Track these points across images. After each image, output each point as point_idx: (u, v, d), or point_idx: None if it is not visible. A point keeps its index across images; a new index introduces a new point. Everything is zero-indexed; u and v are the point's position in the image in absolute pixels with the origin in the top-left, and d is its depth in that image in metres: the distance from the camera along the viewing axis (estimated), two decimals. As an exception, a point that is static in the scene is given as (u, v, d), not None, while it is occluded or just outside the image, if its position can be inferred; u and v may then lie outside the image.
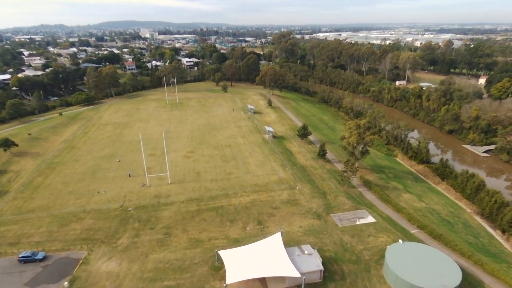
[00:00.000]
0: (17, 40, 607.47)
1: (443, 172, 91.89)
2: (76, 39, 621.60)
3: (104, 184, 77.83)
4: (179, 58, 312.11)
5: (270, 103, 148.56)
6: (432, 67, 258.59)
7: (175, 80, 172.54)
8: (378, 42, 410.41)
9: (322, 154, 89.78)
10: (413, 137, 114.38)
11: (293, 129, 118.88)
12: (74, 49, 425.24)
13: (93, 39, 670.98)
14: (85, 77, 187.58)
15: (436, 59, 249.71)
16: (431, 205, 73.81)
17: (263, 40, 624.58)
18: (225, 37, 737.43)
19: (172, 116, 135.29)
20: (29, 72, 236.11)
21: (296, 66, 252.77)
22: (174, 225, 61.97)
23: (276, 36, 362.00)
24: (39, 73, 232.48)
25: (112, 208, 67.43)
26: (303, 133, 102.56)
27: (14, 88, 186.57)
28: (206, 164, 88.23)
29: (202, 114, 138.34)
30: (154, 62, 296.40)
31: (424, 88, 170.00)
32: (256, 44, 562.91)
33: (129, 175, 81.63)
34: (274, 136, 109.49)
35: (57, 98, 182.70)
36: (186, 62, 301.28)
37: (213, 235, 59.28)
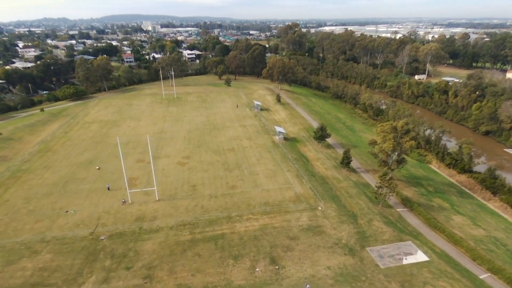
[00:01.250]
0: (16, 32, 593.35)
1: (493, 184, 74.94)
2: (76, 32, 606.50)
3: (75, 200, 61.96)
4: (181, 50, 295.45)
5: (279, 99, 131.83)
6: (451, 61, 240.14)
7: (172, 73, 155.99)
8: (388, 35, 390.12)
9: (346, 162, 73.22)
10: (449, 140, 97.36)
11: (306, 129, 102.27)
12: (73, 42, 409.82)
13: (94, 31, 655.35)
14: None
15: (456, 52, 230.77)
16: (491, 232, 57.20)
17: (267, 34, 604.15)
18: (229, 30, 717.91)
19: (168, 113, 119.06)
20: (19, 64, 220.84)
21: (305, 59, 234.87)
22: (158, 263, 45.99)
23: (283, 28, 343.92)
24: (30, 65, 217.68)
25: (80, 236, 51.57)
26: (321, 135, 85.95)
27: (0, 81, 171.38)
28: (204, 173, 72.04)
29: (202, 111, 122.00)
30: (153, 54, 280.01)
31: (450, 83, 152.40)
32: (261, 37, 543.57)
33: (108, 188, 65.67)
34: (285, 138, 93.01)
35: (47, 92, 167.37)
36: (188, 54, 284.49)
37: (210, 279, 43.28)
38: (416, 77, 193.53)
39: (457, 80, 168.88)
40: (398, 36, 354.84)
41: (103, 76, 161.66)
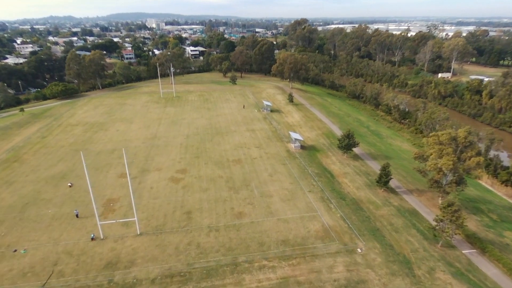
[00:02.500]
0: (19, 28, 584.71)
1: None
2: (79, 29, 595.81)
3: (31, 232, 46.74)
4: (184, 47, 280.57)
5: (291, 99, 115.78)
6: (473, 59, 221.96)
7: (171, 69, 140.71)
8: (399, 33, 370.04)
9: (385, 181, 57.07)
10: (501, 151, 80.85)
11: (326, 135, 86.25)
12: (74, 38, 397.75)
13: (98, 29, 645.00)
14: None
15: (482, 48, 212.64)
16: None
17: (274, 31, 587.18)
18: (234, 28, 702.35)
19: (165, 114, 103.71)
20: (11, 60, 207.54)
21: (315, 55, 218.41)
22: None
23: (291, 24, 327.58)
24: (22, 60, 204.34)
25: (23, 294, 36.35)
26: (347, 143, 69.81)
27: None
28: (203, 194, 56.40)
29: (203, 112, 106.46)
30: (155, 51, 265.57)
31: (484, 82, 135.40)
32: (267, 34, 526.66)
33: (77, 216, 50.34)
34: (302, 147, 77.08)
35: (39, 89, 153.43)
36: (191, 51, 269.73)
37: None
38: (440, 75, 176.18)
39: (487, 78, 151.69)
40: (410, 34, 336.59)
41: (96, 73, 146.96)
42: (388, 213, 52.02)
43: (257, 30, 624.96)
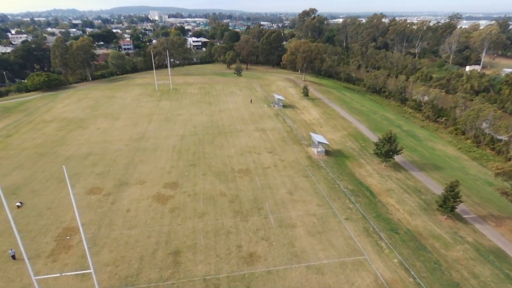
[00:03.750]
0: (18, 20, 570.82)
1: None
2: (80, 21, 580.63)
3: None
4: (186, 38, 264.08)
5: (306, 93, 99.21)
6: (500, 51, 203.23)
7: (167, 57, 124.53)
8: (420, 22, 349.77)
9: (452, 206, 40.68)
10: None
11: (354, 136, 69.90)
12: (73, 29, 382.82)
13: (99, 21, 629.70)
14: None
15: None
16: None
17: (279, 25, 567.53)
18: (239, 21, 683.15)
19: (158, 109, 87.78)
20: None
21: (327, 47, 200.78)
22: None
23: (298, 15, 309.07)
24: (10, 49, 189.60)
25: None
26: (389, 149, 53.41)
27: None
28: (198, 222, 40.47)
29: (204, 107, 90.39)
30: (154, 41, 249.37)
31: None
32: (272, 27, 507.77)
33: (13, 257, 34.70)
34: (327, 152, 60.82)
35: (21, 80, 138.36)
36: (193, 41, 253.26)
37: None
38: (468, 68, 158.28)
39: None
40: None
41: (85, 62, 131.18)
42: (465, 255, 35.83)
43: (262, 23, 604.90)
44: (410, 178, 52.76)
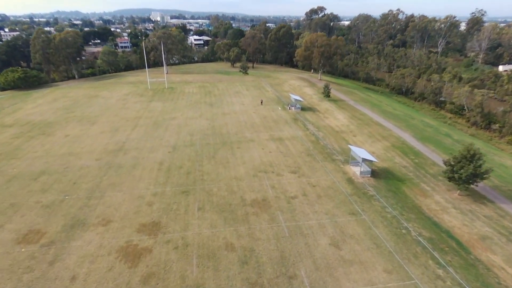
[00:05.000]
0: (16, 20, 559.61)
1: None
2: (80, 21, 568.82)
3: None
4: (187, 36, 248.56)
5: (327, 93, 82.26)
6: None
7: (162, 51, 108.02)
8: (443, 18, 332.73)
9: None
10: None
11: (401, 149, 52.79)
12: (72, 29, 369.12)
13: (100, 21, 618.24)
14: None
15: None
16: None
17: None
18: (242, 23, 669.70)
19: (147, 111, 71.04)
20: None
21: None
22: None
23: (306, 13, 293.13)
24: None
25: None
26: (473, 173, 36.24)
27: None
28: (189, 307, 23.58)
29: (204, 108, 73.60)
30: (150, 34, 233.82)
31: None
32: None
33: None
34: (373, 172, 43.66)
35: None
36: (195, 40, 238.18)
37: None
38: (501, 67, 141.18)
39: None
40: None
41: (70, 57, 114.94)
42: None
43: (266, 25, 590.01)
44: (504, 216, 35.56)
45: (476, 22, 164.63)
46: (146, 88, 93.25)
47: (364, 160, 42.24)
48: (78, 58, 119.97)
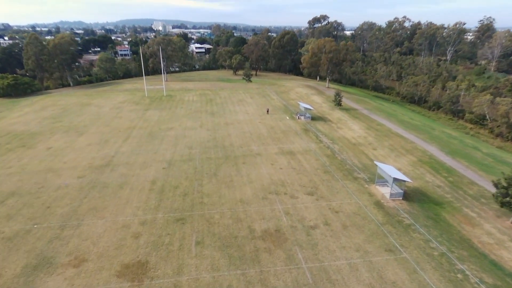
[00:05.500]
0: (18, 29, 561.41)
1: None
2: (82, 30, 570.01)
3: None
4: (188, 44, 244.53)
5: (338, 101, 75.82)
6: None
7: (160, 57, 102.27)
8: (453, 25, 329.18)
9: None
10: None
11: (429, 164, 45.88)
12: (68, 33, 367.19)
13: (102, 31, 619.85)
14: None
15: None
16: None
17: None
18: (244, 32, 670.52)
19: (142, 121, 64.58)
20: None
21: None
22: None
23: (308, 22, 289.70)
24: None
25: None
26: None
27: None
28: None
29: (204, 118, 67.11)
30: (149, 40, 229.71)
31: None
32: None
33: None
34: (405, 194, 36.74)
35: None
36: (196, 48, 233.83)
37: None
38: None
39: None
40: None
41: (65, 64, 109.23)
42: None
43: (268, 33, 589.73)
44: None
45: (487, 29, 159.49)
46: (143, 96, 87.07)
47: (395, 179, 35.39)
48: (73, 65, 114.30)
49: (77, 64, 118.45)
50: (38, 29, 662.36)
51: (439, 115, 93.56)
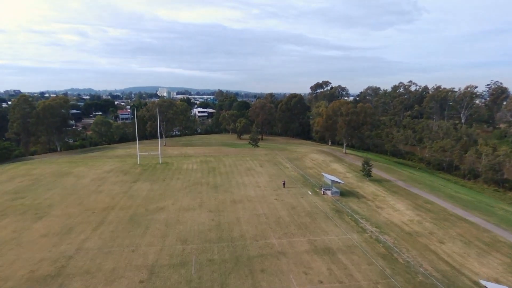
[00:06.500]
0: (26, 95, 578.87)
1: None
2: (88, 96, 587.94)
3: None
4: (191, 108, 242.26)
5: (368, 171, 62.78)
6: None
7: (158, 119, 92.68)
8: (464, 89, 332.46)
9: None
10: None
11: (539, 272, 30.88)
12: (61, 95, 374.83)
13: (108, 96, 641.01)
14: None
15: None
16: None
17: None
18: (246, 98, 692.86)
19: (127, 197, 50.78)
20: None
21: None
22: None
23: (311, 87, 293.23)
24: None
25: None
26: None
27: None
28: None
29: (205, 193, 53.37)
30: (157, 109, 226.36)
31: None
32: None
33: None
34: None
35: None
36: (199, 112, 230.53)
37: None
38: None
39: None
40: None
41: (54, 128, 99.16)
42: None
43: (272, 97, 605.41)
44: None
45: (501, 92, 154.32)
46: (135, 164, 74.60)
47: None
48: (63, 129, 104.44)
49: (68, 128, 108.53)
50: (46, 95, 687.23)
51: (479, 185, 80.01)
